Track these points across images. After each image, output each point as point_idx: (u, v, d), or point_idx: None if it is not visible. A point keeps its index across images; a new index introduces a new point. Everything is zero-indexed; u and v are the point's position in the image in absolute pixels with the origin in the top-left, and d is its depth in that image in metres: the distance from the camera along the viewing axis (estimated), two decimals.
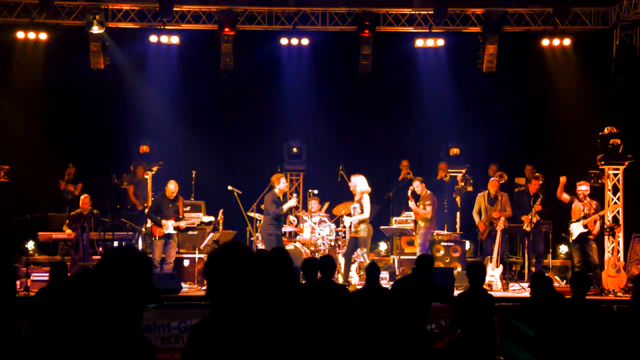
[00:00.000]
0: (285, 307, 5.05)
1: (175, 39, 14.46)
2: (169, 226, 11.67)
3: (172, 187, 11.91)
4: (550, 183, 12.77)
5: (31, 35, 14.02)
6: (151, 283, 2.87)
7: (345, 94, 15.35)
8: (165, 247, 11.69)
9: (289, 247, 11.83)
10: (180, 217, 11.91)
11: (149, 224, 12.09)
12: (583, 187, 11.86)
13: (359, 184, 11.41)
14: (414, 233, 12.51)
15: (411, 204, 12.23)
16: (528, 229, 11.89)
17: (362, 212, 11.24)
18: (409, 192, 12.31)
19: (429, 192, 12.28)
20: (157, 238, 11.67)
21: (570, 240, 11.79)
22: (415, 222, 12.40)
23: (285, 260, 6.37)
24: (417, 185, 12.28)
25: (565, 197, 11.91)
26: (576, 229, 11.67)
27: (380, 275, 10.64)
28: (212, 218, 12.53)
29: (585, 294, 6.86)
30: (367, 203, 11.28)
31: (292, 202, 11.49)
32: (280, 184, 11.28)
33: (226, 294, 2.78)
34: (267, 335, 2.75)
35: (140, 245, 12.66)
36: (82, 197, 12.35)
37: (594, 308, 6.85)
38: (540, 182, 12.41)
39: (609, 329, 6.76)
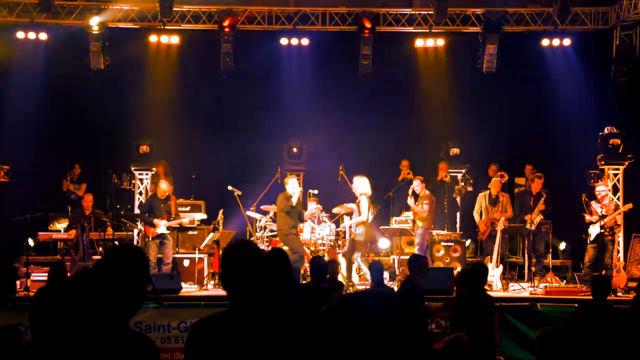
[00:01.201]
0: (284, 307, 5.06)
1: (175, 39, 14.47)
2: (161, 226, 11.63)
3: (163, 186, 11.85)
4: (551, 182, 12.77)
5: (31, 35, 14.03)
6: (147, 276, 2.91)
7: (345, 94, 15.33)
8: (161, 248, 11.62)
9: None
10: (173, 216, 11.86)
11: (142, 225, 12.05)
12: (601, 188, 11.78)
13: (360, 185, 11.36)
14: (413, 233, 12.50)
15: (410, 201, 12.22)
16: (532, 227, 11.87)
17: (360, 214, 11.22)
18: (410, 190, 12.30)
19: (427, 192, 12.27)
20: (150, 239, 11.61)
21: (589, 241, 11.72)
22: (414, 221, 12.38)
23: (284, 261, 6.39)
24: (417, 185, 12.28)
25: (589, 218, 11.84)
26: (594, 230, 11.61)
27: None
28: (204, 216, 12.51)
29: (605, 296, 6.84)
30: (365, 206, 11.19)
31: (296, 191, 11.44)
32: (289, 185, 11.32)
33: (243, 290, 2.83)
34: (268, 334, 2.76)
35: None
36: (85, 196, 12.34)
37: (614, 311, 6.84)
38: (542, 182, 12.41)
39: (627, 331, 6.76)
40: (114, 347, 2.66)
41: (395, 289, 9.45)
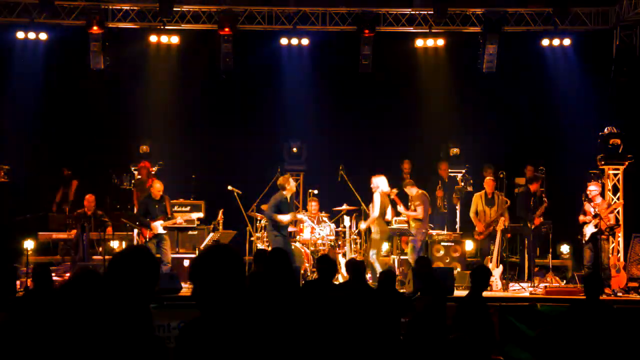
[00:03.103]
0: (283, 307, 5.06)
1: (175, 39, 14.46)
2: (158, 227, 11.62)
3: (157, 186, 11.82)
4: (551, 183, 12.76)
5: (31, 35, 14.03)
6: (157, 276, 2.93)
7: (345, 94, 15.34)
8: (159, 248, 11.60)
9: None
10: (169, 216, 11.86)
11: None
12: (592, 187, 11.80)
13: (380, 185, 11.48)
14: (413, 233, 12.46)
15: (400, 208, 12.13)
16: (533, 227, 11.89)
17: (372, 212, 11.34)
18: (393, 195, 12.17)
19: (420, 191, 12.15)
20: (148, 240, 11.61)
21: (583, 241, 11.71)
22: (407, 222, 12.32)
23: (285, 261, 6.39)
24: (409, 189, 12.17)
25: (582, 218, 11.82)
26: (588, 230, 11.60)
27: None
28: (200, 214, 12.52)
29: (598, 295, 6.83)
30: (377, 202, 11.34)
31: (286, 218, 11.31)
32: (290, 185, 11.27)
33: (210, 297, 2.80)
34: (256, 335, 2.75)
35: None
36: (87, 196, 12.34)
37: (607, 309, 6.83)
38: (540, 183, 12.41)
39: (621, 330, 6.75)
40: (125, 345, 2.67)
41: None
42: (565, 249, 13.56)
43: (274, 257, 6.46)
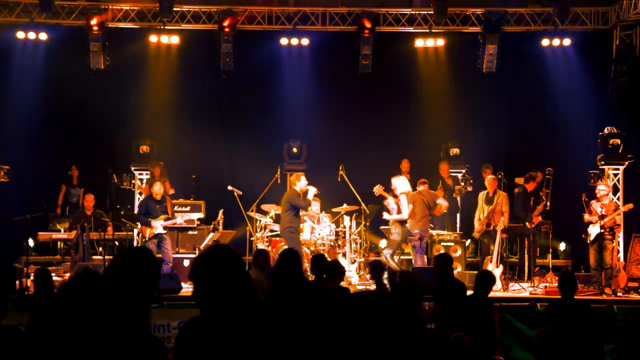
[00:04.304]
0: (291, 307, 5.05)
1: (175, 39, 14.47)
2: (158, 226, 11.65)
3: (157, 188, 11.88)
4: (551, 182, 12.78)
5: (31, 35, 14.03)
6: (158, 278, 2.93)
7: (345, 94, 15.33)
8: (160, 248, 11.64)
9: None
10: (170, 216, 11.89)
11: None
12: (601, 187, 11.74)
13: (399, 186, 11.49)
14: (413, 233, 12.45)
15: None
16: (532, 227, 11.89)
17: (399, 212, 11.30)
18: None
19: (412, 192, 12.08)
20: (148, 239, 11.64)
21: (588, 242, 11.68)
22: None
23: (295, 262, 6.41)
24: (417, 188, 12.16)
25: (588, 217, 11.76)
26: (594, 230, 11.57)
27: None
28: (200, 215, 12.51)
29: (573, 294, 6.84)
30: (404, 204, 11.34)
31: (311, 190, 11.45)
32: (301, 182, 11.32)
33: (211, 297, 2.80)
34: (257, 335, 2.75)
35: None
36: (86, 196, 12.33)
37: (583, 308, 6.83)
38: (536, 182, 12.41)
39: (598, 328, 6.76)
40: (125, 347, 2.67)
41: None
42: (561, 246, 13.55)
43: (285, 258, 6.47)
